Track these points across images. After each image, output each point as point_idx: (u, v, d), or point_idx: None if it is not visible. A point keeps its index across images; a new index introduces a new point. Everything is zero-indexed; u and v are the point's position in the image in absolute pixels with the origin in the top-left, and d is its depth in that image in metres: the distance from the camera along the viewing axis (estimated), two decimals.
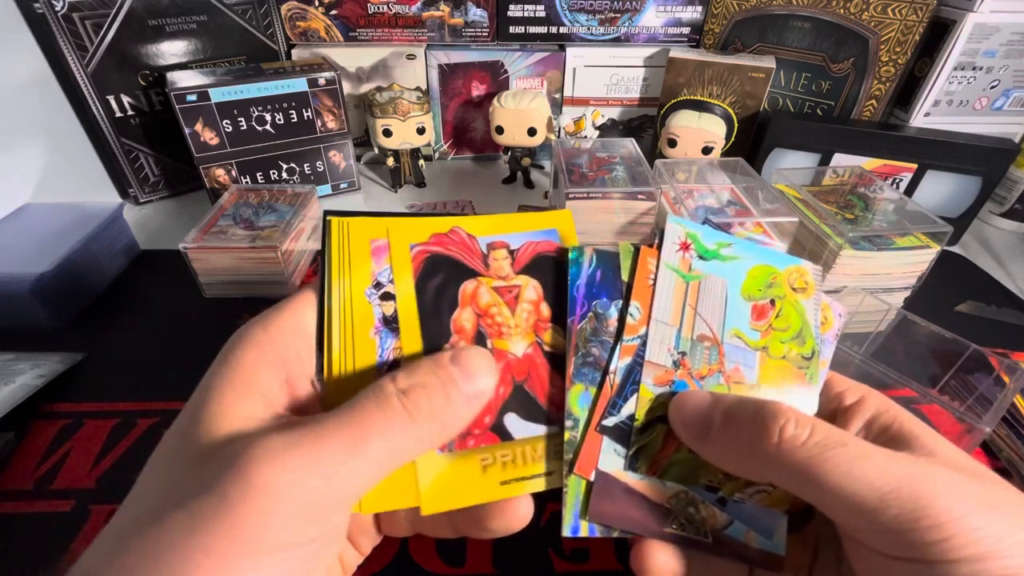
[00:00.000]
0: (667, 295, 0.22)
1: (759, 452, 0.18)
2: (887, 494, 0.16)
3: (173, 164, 0.62)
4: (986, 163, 0.54)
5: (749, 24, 0.63)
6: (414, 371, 0.18)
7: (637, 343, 0.22)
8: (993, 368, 0.34)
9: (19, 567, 0.27)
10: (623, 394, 0.21)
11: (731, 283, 0.23)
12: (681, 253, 0.23)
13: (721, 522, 0.21)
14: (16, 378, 0.35)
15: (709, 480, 0.21)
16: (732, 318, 0.22)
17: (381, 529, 0.23)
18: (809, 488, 0.17)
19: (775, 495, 0.21)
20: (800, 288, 0.23)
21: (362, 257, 0.21)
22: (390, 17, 0.63)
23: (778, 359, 0.22)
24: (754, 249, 0.23)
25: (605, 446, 0.21)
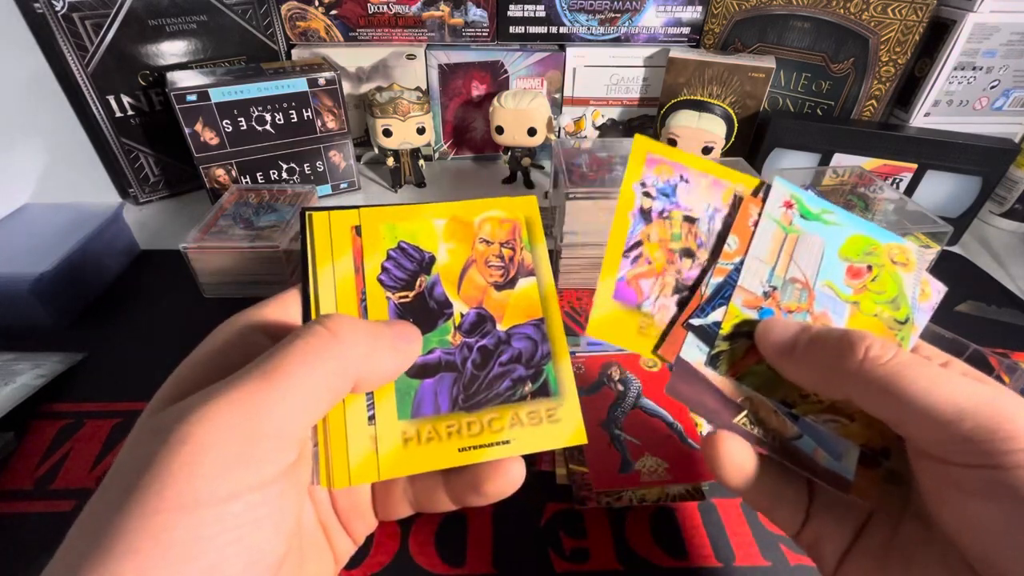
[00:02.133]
0: (765, 238, 0.23)
1: (843, 368, 0.19)
2: (966, 409, 0.17)
3: (173, 164, 0.62)
4: (986, 163, 0.54)
5: (749, 24, 0.63)
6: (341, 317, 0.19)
7: (730, 268, 0.23)
8: (993, 368, 0.34)
9: (19, 567, 0.27)
10: (712, 303, 0.23)
11: (829, 243, 0.23)
12: (784, 210, 0.23)
13: (790, 433, 0.21)
14: (16, 378, 0.35)
15: (785, 397, 0.22)
16: (826, 271, 0.23)
17: (378, 514, 0.23)
18: (889, 402, 0.18)
19: (849, 428, 0.21)
20: (901, 262, 0.23)
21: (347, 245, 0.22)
22: (390, 17, 0.63)
23: (869, 315, 0.23)
24: (857, 220, 0.24)
25: (689, 339, 0.22)
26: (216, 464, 0.14)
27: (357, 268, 0.22)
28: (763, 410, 0.22)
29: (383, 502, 0.23)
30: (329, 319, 0.18)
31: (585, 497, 0.30)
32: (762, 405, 0.22)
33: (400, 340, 0.20)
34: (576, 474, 0.31)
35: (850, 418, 0.21)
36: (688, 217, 0.23)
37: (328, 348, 0.17)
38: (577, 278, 0.48)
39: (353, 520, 0.22)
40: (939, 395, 0.17)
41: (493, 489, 0.21)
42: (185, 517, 0.13)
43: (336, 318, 0.18)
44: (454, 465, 0.20)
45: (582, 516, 0.30)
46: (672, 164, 0.23)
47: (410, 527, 0.29)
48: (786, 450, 0.21)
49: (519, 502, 0.31)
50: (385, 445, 0.20)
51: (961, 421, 0.17)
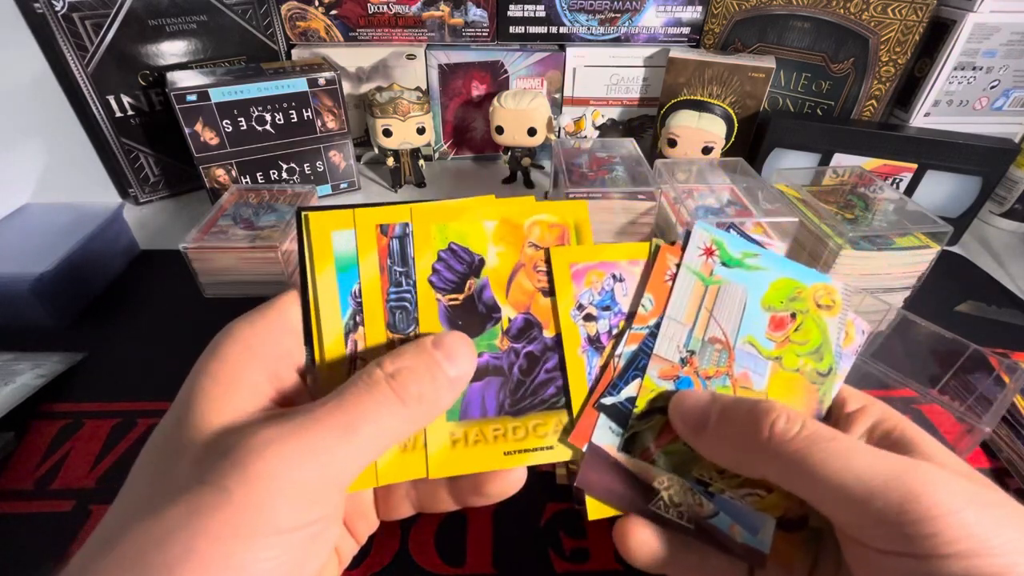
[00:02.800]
0: (684, 295, 0.22)
1: (752, 446, 0.19)
2: (876, 486, 0.16)
3: (173, 164, 0.62)
4: (986, 163, 0.54)
5: (749, 24, 0.63)
6: (400, 355, 0.19)
7: (645, 333, 0.22)
8: (993, 368, 0.34)
9: (19, 567, 0.27)
10: (625, 377, 0.22)
11: (752, 292, 0.23)
12: (704, 258, 0.23)
13: (707, 511, 0.21)
14: (16, 378, 0.35)
15: (701, 475, 0.21)
16: (748, 325, 0.22)
17: (380, 514, 0.23)
18: (799, 480, 0.18)
19: (767, 500, 0.21)
20: (826, 305, 0.23)
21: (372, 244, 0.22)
22: (390, 17, 0.63)
23: (791, 371, 0.22)
24: (781, 262, 0.23)
25: (601, 422, 0.22)
26: (286, 502, 0.15)
27: (383, 268, 0.22)
28: (678, 490, 0.21)
29: (385, 503, 0.23)
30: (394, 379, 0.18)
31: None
32: (677, 485, 0.21)
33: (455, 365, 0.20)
34: (576, 474, 0.31)
35: (767, 490, 0.21)
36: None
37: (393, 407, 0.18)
38: None
39: (356, 521, 0.23)
40: (848, 472, 0.16)
41: (496, 490, 0.21)
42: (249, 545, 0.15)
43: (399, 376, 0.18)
44: (499, 468, 0.21)
45: (582, 516, 0.30)
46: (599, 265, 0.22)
47: (410, 527, 0.29)
48: (702, 529, 0.21)
49: (519, 502, 0.31)
50: (434, 445, 0.20)
51: (873, 500, 0.16)
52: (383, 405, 0.18)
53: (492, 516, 0.30)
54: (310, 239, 0.22)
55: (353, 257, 0.22)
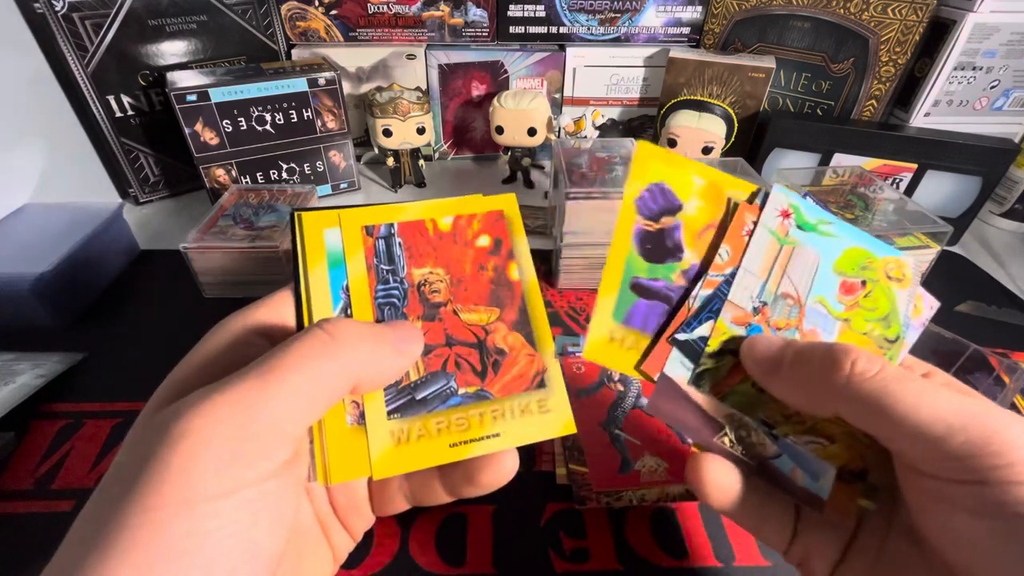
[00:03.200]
0: (760, 250, 0.23)
1: (829, 384, 0.19)
2: (954, 424, 0.16)
3: (173, 164, 0.62)
4: (986, 163, 0.54)
5: (749, 24, 0.63)
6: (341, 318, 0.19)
7: (720, 280, 0.23)
8: (993, 368, 0.34)
9: (19, 567, 0.27)
10: (699, 318, 0.22)
11: (824, 256, 0.23)
12: (781, 219, 0.23)
13: (770, 452, 0.21)
14: (16, 378, 0.35)
15: (767, 417, 0.22)
16: (819, 286, 0.23)
17: (375, 509, 0.23)
18: (878, 416, 0.18)
19: (828, 450, 0.21)
20: (896, 278, 0.23)
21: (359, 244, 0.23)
22: (390, 17, 0.63)
23: (859, 334, 0.23)
24: (855, 232, 0.24)
25: (673, 355, 0.22)
26: (213, 460, 0.14)
27: (370, 266, 0.22)
28: (744, 429, 0.22)
29: (380, 498, 0.23)
30: (329, 323, 0.18)
31: (585, 497, 0.30)
32: (743, 424, 0.22)
33: (402, 342, 0.20)
34: (576, 474, 0.31)
35: (830, 439, 0.21)
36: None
37: (326, 350, 0.17)
38: (577, 278, 0.48)
39: (351, 517, 0.23)
40: (928, 411, 0.17)
41: (487, 480, 0.21)
42: (183, 512, 0.14)
43: (336, 322, 0.18)
44: (446, 461, 0.21)
45: (582, 516, 0.30)
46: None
47: (410, 527, 0.29)
48: (765, 468, 0.21)
49: (519, 502, 0.31)
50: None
51: (950, 437, 0.16)
52: (314, 347, 0.17)
53: (492, 516, 0.30)
54: (303, 237, 0.22)
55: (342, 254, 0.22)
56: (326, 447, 0.20)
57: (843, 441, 0.21)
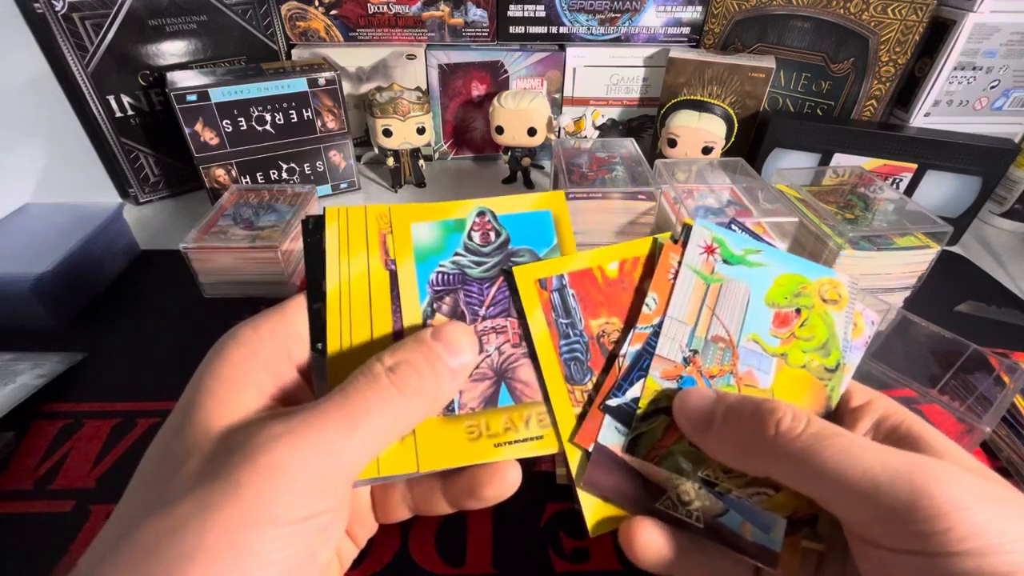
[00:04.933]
0: (685, 294, 0.22)
1: (758, 444, 0.19)
2: (883, 482, 0.16)
3: (173, 164, 0.62)
4: (986, 163, 0.54)
5: (749, 24, 0.63)
6: (398, 349, 0.19)
7: (649, 332, 0.22)
8: (993, 368, 0.34)
9: (19, 567, 0.27)
10: (629, 378, 0.22)
11: (755, 289, 0.22)
12: (705, 256, 0.23)
13: (716, 510, 0.21)
14: (16, 378, 0.35)
15: (707, 474, 0.21)
16: (752, 323, 0.22)
17: (378, 517, 0.24)
18: (806, 478, 0.18)
19: (775, 499, 0.21)
20: (832, 300, 0.22)
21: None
22: (390, 17, 0.63)
23: (797, 367, 0.22)
24: (784, 257, 0.23)
25: (607, 422, 0.22)
26: (294, 493, 0.16)
27: (549, 322, 0.22)
28: (686, 489, 0.21)
29: (382, 506, 0.23)
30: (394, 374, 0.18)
31: None
32: (685, 484, 0.21)
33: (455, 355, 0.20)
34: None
35: (775, 489, 0.21)
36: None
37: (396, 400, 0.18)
38: None
39: (355, 525, 0.23)
40: (855, 468, 0.16)
41: (491, 493, 0.21)
42: (258, 535, 0.15)
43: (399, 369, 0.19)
44: (490, 460, 0.21)
45: (582, 516, 0.30)
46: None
47: (410, 527, 0.29)
48: (712, 528, 0.21)
49: (519, 502, 0.31)
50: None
51: (881, 496, 0.15)
52: (384, 398, 0.18)
53: (492, 516, 0.30)
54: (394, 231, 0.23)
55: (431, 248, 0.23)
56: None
57: (788, 490, 0.20)
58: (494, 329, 0.23)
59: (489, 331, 0.22)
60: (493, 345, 0.22)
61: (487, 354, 0.22)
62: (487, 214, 0.24)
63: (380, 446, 0.18)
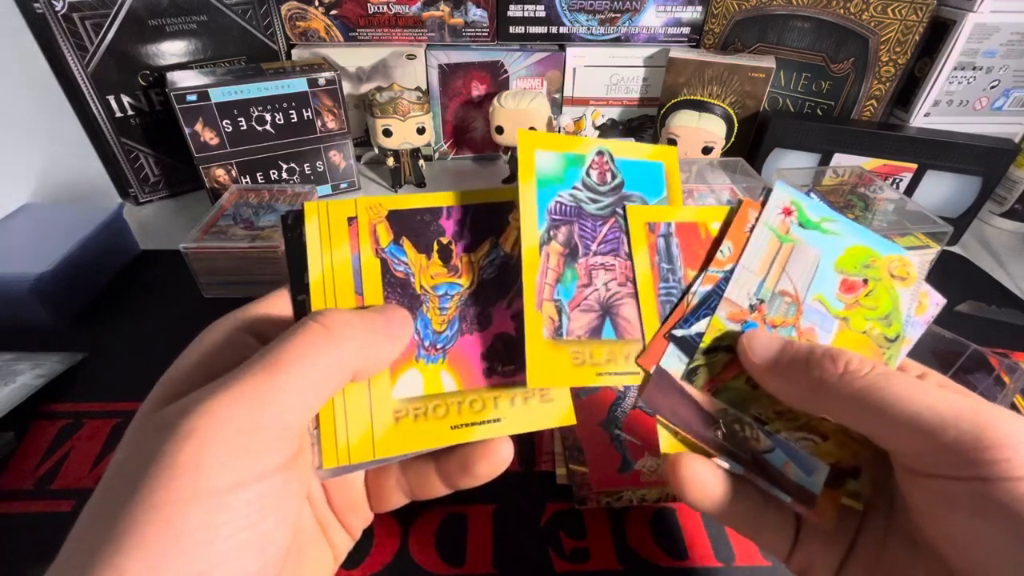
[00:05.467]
0: (760, 247, 0.23)
1: (822, 382, 0.19)
2: (946, 417, 0.16)
3: (173, 164, 0.62)
4: (986, 163, 0.54)
5: (749, 24, 0.63)
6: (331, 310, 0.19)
7: (720, 276, 0.23)
8: (993, 368, 0.34)
9: (19, 567, 0.27)
10: (697, 314, 0.23)
11: (825, 254, 0.23)
12: (782, 217, 0.23)
13: (763, 446, 0.21)
14: (16, 378, 0.35)
15: (759, 413, 0.22)
16: (819, 284, 0.23)
17: (373, 506, 0.23)
18: (869, 415, 0.18)
19: (821, 447, 0.21)
20: (900, 276, 0.23)
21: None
22: (390, 17, 0.63)
23: (858, 332, 0.22)
24: (858, 230, 0.24)
25: (670, 350, 0.22)
26: (221, 455, 0.14)
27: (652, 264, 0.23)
28: (737, 423, 0.22)
29: (377, 493, 0.23)
30: (323, 315, 0.18)
31: (585, 497, 0.30)
32: (736, 419, 0.22)
33: (393, 327, 0.20)
34: (576, 474, 0.31)
35: (823, 437, 0.21)
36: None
37: (325, 343, 0.17)
38: None
39: (348, 515, 0.23)
40: (919, 405, 0.17)
41: (483, 470, 0.21)
42: (194, 507, 0.14)
43: (330, 313, 0.18)
44: (447, 444, 0.21)
45: (582, 516, 0.30)
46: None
47: (410, 527, 0.29)
48: (757, 463, 0.21)
49: (519, 502, 0.31)
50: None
51: (943, 430, 0.16)
52: (312, 342, 0.17)
53: (492, 516, 0.30)
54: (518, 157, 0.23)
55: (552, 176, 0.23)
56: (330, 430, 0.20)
57: (836, 439, 0.21)
58: (603, 266, 0.23)
59: (598, 267, 0.23)
60: (601, 280, 0.23)
61: (595, 288, 0.23)
62: (605, 154, 0.24)
63: (315, 395, 0.17)
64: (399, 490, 0.23)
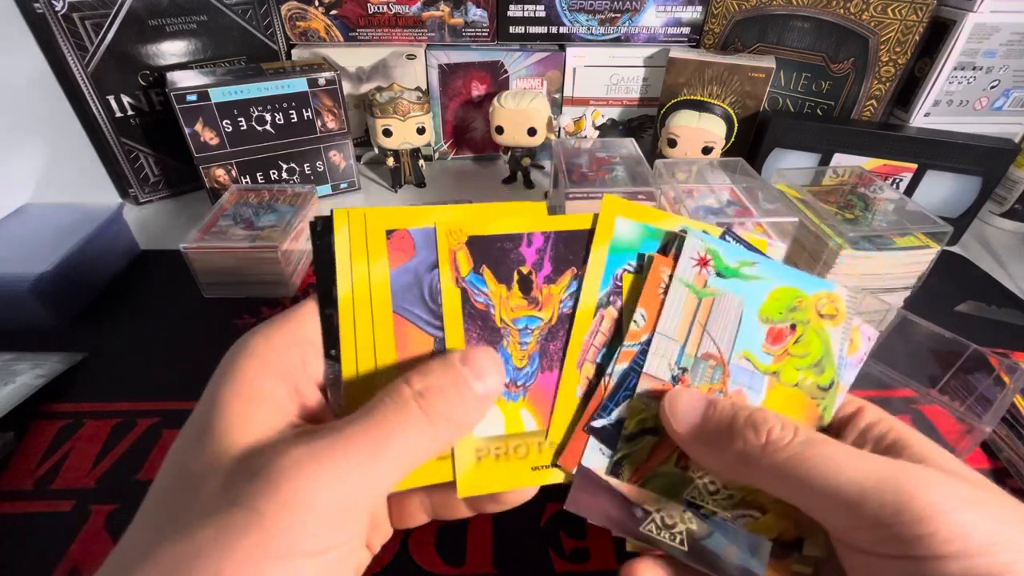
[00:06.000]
0: (676, 310, 0.22)
1: (746, 454, 0.19)
2: (868, 488, 0.16)
3: (173, 164, 0.62)
4: (986, 163, 0.54)
5: (749, 24, 0.63)
6: (427, 373, 0.19)
7: (636, 350, 0.21)
8: (993, 368, 0.34)
9: (19, 567, 0.27)
10: (615, 399, 0.21)
11: (749, 303, 0.22)
12: (698, 269, 0.22)
13: (700, 533, 0.21)
14: (16, 378, 0.35)
15: (692, 497, 0.21)
16: (744, 339, 0.21)
17: (394, 523, 0.23)
18: (794, 486, 0.18)
19: (760, 522, 0.21)
20: (828, 315, 0.22)
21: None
22: (390, 17, 0.63)
23: (790, 386, 0.21)
24: (780, 270, 0.22)
25: (591, 445, 0.21)
26: (316, 524, 0.15)
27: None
28: (670, 512, 0.21)
29: (399, 513, 0.23)
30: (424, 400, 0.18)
31: None
32: (669, 507, 0.21)
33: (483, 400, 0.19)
34: None
35: (761, 510, 0.21)
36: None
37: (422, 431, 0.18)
38: None
39: (370, 533, 0.22)
40: (841, 477, 0.16)
41: (512, 497, 0.22)
42: (279, 566, 0.14)
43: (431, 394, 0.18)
44: (528, 485, 0.21)
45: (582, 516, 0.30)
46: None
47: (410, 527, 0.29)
48: (696, 551, 0.21)
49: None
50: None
51: (865, 501, 0.16)
52: (411, 425, 0.17)
53: (492, 516, 0.30)
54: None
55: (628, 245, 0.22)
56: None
57: (775, 511, 0.20)
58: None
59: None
60: None
61: None
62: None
63: (403, 474, 0.18)
64: (422, 510, 0.23)
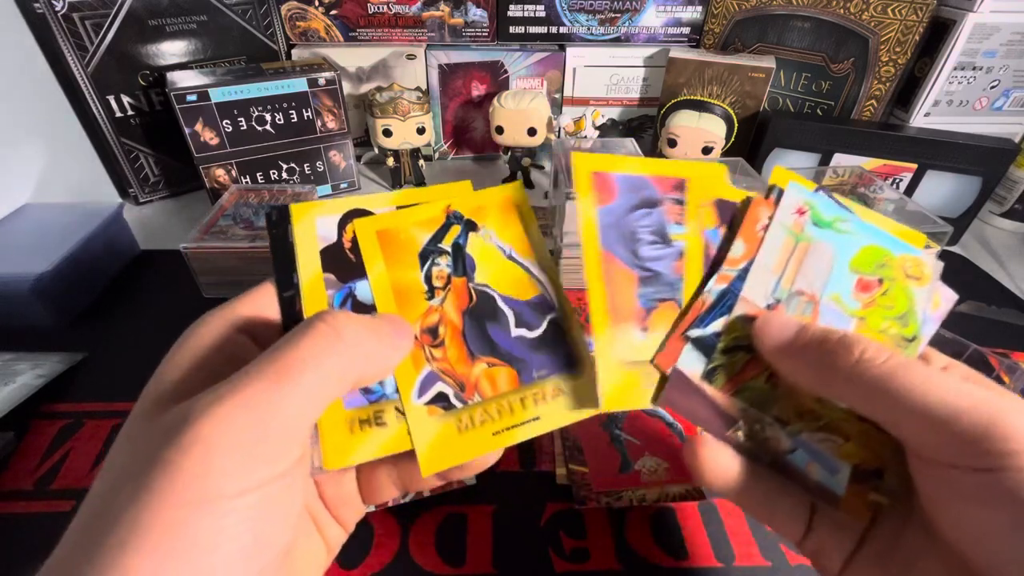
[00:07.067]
0: (775, 247, 0.23)
1: (838, 368, 0.19)
2: (959, 408, 0.16)
3: (173, 164, 0.62)
4: (986, 163, 0.54)
5: (749, 24, 0.63)
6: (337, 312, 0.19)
7: (733, 275, 0.23)
8: (993, 368, 0.34)
9: (19, 567, 0.27)
10: (712, 313, 0.22)
11: (840, 254, 0.23)
12: (796, 216, 0.23)
13: (784, 446, 0.21)
14: (16, 378, 0.35)
15: (779, 414, 0.22)
16: (834, 284, 0.23)
17: (365, 498, 0.23)
18: (883, 403, 0.18)
19: (843, 448, 0.21)
20: (914, 276, 0.23)
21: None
22: (390, 17, 0.63)
23: (875, 332, 0.22)
24: (871, 229, 0.23)
25: (687, 351, 0.22)
26: (228, 462, 0.15)
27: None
28: (758, 424, 0.22)
29: (368, 488, 0.23)
30: (331, 316, 0.18)
31: (585, 497, 0.30)
32: (757, 419, 0.22)
33: (396, 337, 0.20)
34: (576, 474, 0.31)
35: (845, 437, 0.21)
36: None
37: (333, 347, 0.17)
38: (578, 278, 0.48)
39: (341, 508, 0.22)
40: (932, 395, 0.17)
41: (476, 462, 0.21)
42: (199, 512, 0.14)
43: (338, 316, 0.18)
44: (491, 450, 0.21)
45: (582, 516, 0.30)
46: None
47: (410, 527, 0.29)
48: (779, 464, 0.21)
49: (519, 502, 0.31)
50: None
51: (955, 420, 0.16)
52: (320, 343, 0.17)
53: (492, 516, 0.30)
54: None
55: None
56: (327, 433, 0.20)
57: (858, 439, 0.21)
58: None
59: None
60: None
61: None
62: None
63: (321, 399, 0.17)
64: (391, 483, 0.23)
